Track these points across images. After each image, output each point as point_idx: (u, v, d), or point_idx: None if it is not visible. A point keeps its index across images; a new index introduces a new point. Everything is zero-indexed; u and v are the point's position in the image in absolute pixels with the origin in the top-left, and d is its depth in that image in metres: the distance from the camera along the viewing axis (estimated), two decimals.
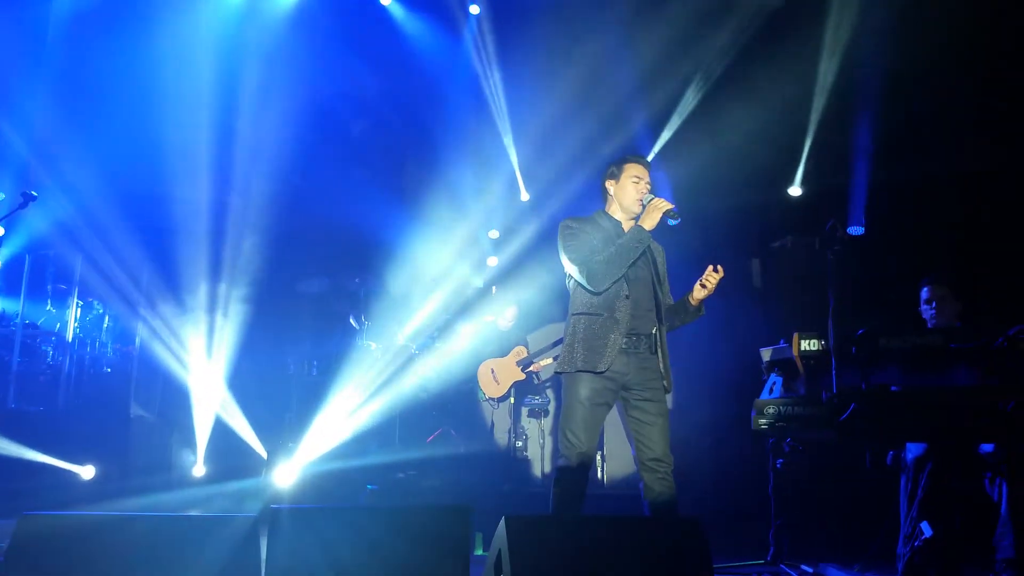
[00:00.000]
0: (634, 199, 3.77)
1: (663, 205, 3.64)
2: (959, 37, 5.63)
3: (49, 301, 7.05)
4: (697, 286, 3.66)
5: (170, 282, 7.03)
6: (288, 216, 7.43)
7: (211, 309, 7.09)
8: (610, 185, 3.89)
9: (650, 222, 3.64)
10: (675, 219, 3.68)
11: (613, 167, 3.89)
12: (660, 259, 3.89)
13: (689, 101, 7.03)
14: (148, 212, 7.03)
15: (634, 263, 3.68)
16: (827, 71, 6.51)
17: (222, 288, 7.16)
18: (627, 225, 3.78)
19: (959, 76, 5.83)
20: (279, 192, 7.25)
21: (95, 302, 7.08)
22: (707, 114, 6.98)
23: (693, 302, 3.71)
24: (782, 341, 4.12)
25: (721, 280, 3.65)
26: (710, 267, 3.64)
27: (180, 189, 7.01)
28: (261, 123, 7.04)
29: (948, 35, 5.64)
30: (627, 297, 3.64)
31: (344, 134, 7.49)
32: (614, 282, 3.63)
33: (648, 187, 3.80)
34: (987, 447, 4.11)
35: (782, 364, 4.09)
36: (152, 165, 6.83)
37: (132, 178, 6.84)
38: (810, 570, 4.49)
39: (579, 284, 3.71)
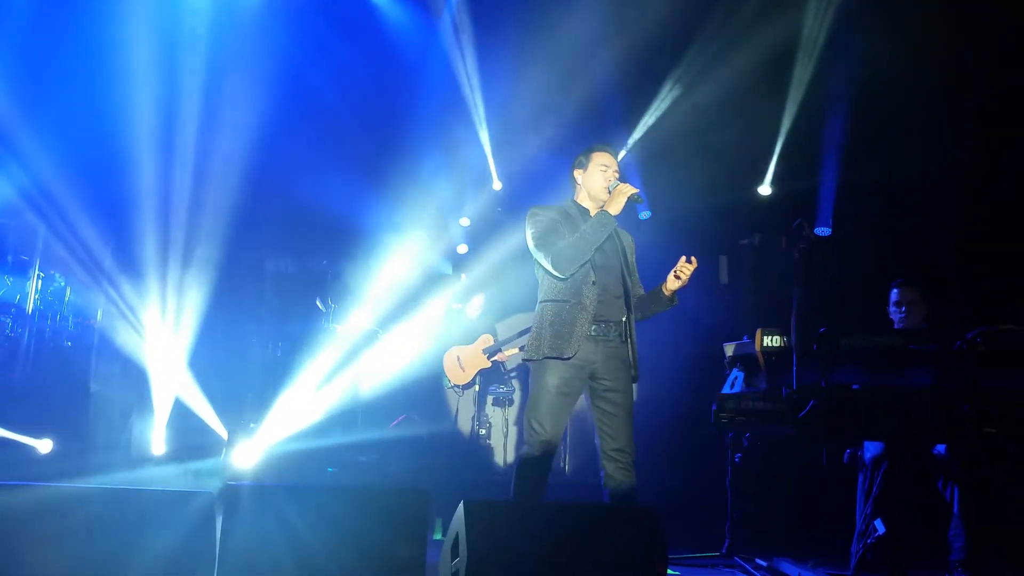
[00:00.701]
0: (601, 187, 3.79)
1: (628, 190, 3.67)
2: (931, 40, 5.70)
3: (8, 272, 6.90)
4: (671, 276, 3.66)
5: (133, 257, 6.92)
6: (256, 195, 7.33)
7: (176, 286, 7.00)
8: (578, 174, 3.90)
9: (615, 207, 3.66)
10: (640, 202, 3.73)
11: (581, 156, 3.91)
12: (629, 248, 3.90)
13: (664, 98, 7.06)
14: (113, 186, 6.89)
15: (601, 248, 3.69)
16: (802, 73, 6.56)
17: (187, 265, 7.06)
18: (592, 209, 3.80)
19: (929, 80, 5.91)
20: (247, 170, 7.14)
21: (56, 274, 6.95)
22: (681, 112, 7.01)
23: (667, 292, 3.72)
24: (745, 337, 4.15)
25: (693, 271, 3.66)
26: (683, 257, 3.65)
27: (146, 164, 6.88)
28: (229, 98, 6.92)
29: (920, 39, 5.71)
30: (594, 284, 3.65)
31: (315, 113, 7.40)
32: (580, 266, 3.63)
33: (616, 175, 3.82)
34: (941, 448, 4.20)
35: (744, 359, 4.12)
36: (116, 138, 6.69)
37: (97, 151, 6.70)
38: (764, 564, 4.56)
39: (546, 271, 3.72)
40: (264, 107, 6.96)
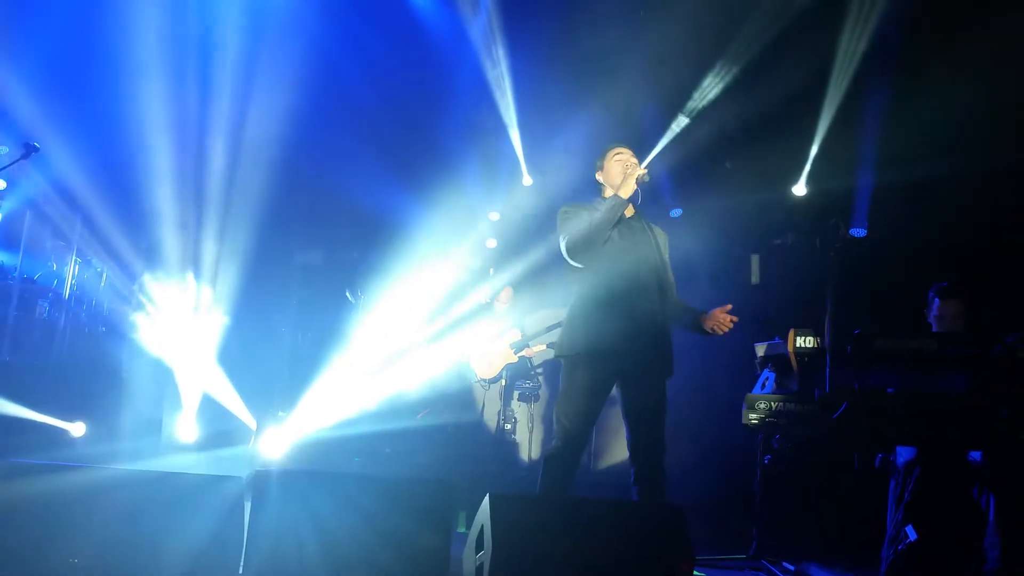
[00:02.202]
0: (619, 173, 3.81)
1: (635, 172, 3.68)
2: (969, 42, 5.59)
3: (52, 257, 7.06)
4: (708, 325, 3.69)
5: (165, 247, 7.00)
6: (287, 187, 7.38)
7: (206, 277, 7.08)
8: (599, 176, 3.97)
9: (626, 190, 3.68)
10: (647, 181, 3.75)
11: (597, 160, 3.99)
12: (663, 244, 3.88)
13: (699, 96, 6.99)
14: (145, 177, 6.97)
15: (634, 242, 3.70)
16: (840, 73, 6.46)
17: (218, 256, 7.13)
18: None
19: (967, 80, 5.80)
20: (278, 162, 7.19)
21: (93, 260, 7.07)
22: (716, 110, 6.94)
23: (702, 326, 3.73)
24: (777, 337, 4.11)
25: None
26: (729, 317, 3.66)
27: (177, 155, 6.96)
28: (260, 90, 6.97)
29: (957, 41, 5.61)
30: (626, 279, 3.64)
31: (346, 105, 7.42)
32: (593, 248, 3.65)
33: (634, 160, 3.85)
34: (976, 454, 4.11)
35: (776, 360, 4.08)
36: (150, 130, 6.78)
37: (130, 143, 6.79)
38: (792, 567, 4.49)
39: (570, 262, 3.74)
40: (295, 99, 7.00)
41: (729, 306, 3.70)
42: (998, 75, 5.76)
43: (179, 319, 6.85)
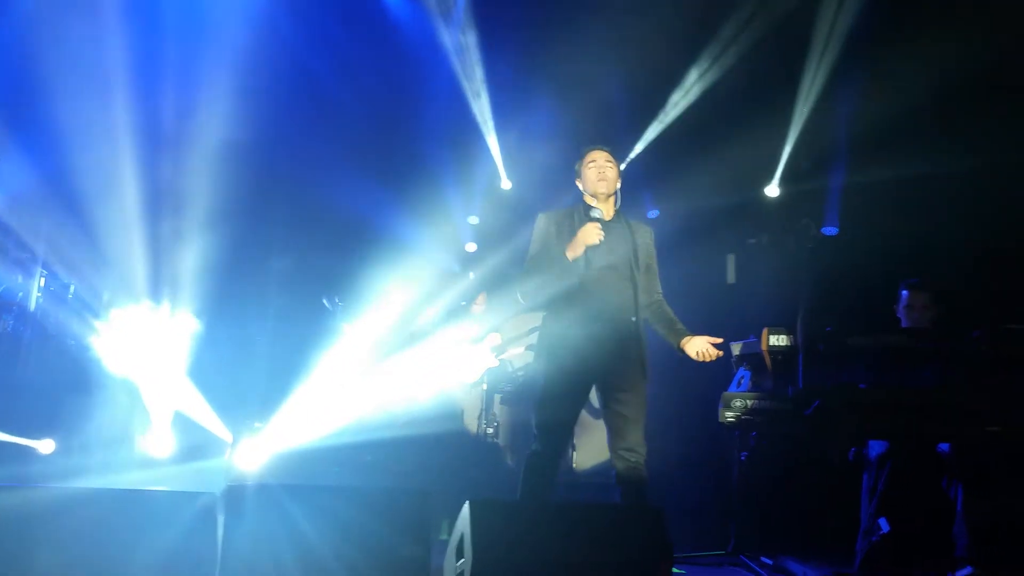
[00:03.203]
0: (594, 180, 3.84)
1: (590, 238, 3.62)
2: (938, 40, 5.68)
3: (17, 270, 6.91)
4: (691, 350, 3.70)
5: (136, 255, 6.90)
6: (261, 192, 7.32)
7: (178, 286, 6.98)
8: (578, 183, 3.99)
9: (573, 252, 3.65)
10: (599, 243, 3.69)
11: (576, 165, 3.99)
12: (643, 246, 3.86)
13: (673, 98, 7.04)
14: (114, 183, 6.86)
15: (611, 248, 3.71)
16: (811, 74, 6.54)
17: (190, 263, 7.04)
18: (598, 204, 3.83)
19: (937, 79, 5.88)
20: (253, 167, 7.12)
21: (60, 271, 6.94)
22: (690, 112, 6.99)
23: (680, 347, 3.74)
24: (752, 336, 4.15)
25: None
26: (715, 350, 3.68)
27: (149, 160, 6.85)
28: (234, 94, 6.88)
29: (927, 39, 5.69)
30: (602, 285, 3.65)
31: (322, 109, 7.37)
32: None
33: (608, 163, 3.87)
34: (944, 446, 4.18)
35: (751, 358, 4.13)
36: (120, 134, 6.67)
37: (99, 147, 6.68)
38: (769, 562, 4.54)
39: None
40: (270, 103, 6.94)
41: (719, 340, 3.71)
42: (966, 74, 5.86)
43: (150, 330, 6.75)
